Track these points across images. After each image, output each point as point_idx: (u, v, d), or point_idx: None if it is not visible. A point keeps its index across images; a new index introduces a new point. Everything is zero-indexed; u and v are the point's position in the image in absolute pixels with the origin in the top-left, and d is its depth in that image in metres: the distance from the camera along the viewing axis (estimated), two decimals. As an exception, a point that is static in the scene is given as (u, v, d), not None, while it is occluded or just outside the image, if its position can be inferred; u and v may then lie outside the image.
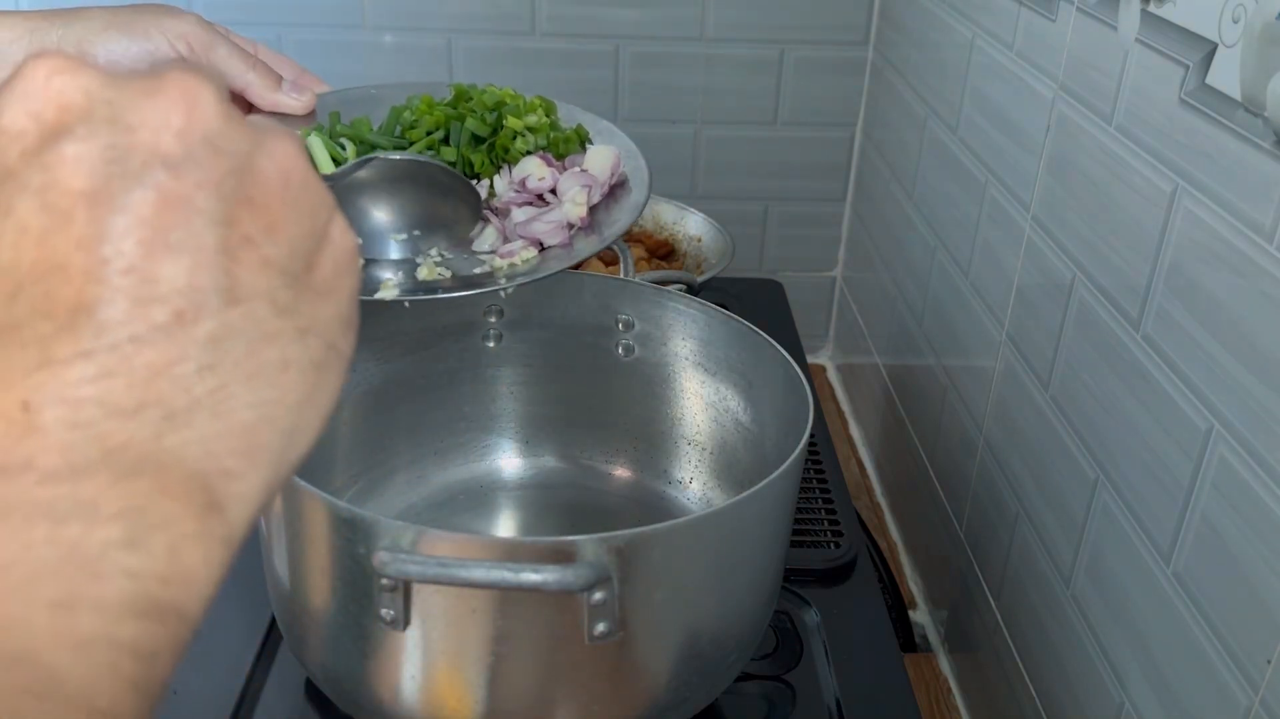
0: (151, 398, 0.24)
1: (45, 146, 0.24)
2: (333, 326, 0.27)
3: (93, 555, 0.22)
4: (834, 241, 1.49)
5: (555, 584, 0.50)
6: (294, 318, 0.26)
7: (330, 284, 0.27)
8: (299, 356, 0.26)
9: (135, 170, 0.24)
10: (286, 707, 0.68)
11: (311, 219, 0.27)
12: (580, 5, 1.32)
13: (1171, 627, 0.65)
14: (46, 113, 0.24)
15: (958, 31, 1.05)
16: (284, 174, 0.26)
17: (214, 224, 0.25)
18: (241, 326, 0.25)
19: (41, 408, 0.23)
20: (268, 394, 0.25)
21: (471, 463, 0.83)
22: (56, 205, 0.24)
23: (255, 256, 0.25)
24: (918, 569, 1.15)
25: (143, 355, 0.24)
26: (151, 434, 0.24)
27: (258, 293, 0.25)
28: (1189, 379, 0.64)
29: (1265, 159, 0.57)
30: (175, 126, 0.25)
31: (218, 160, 0.25)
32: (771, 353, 0.70)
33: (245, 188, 0.26)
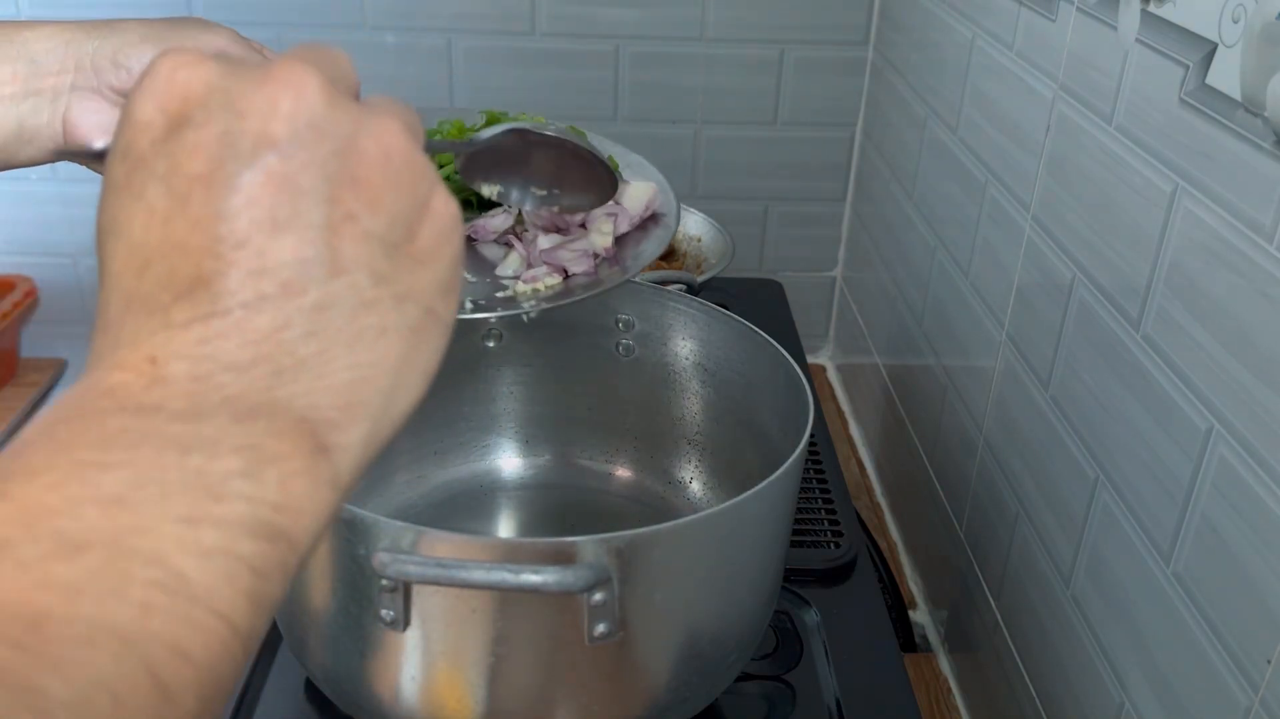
0: (262, 356, 0.26)
1: (170, 135, 0.27)
2: (430, 292, 0.30)
3: (215, 481, 0.25)
4: (834, 241, 1.49)
5: (555, 585, 0.50)
6: (392, 286, 0.28)
7: (430, 252, 0.30)
8: (396, 322, 0.29)
9: (246, 154, 0.27)
10: (286, 707, 0.68)
11: (412, 192, 0.29)
12: (580, 5, 1.32)
13: (1171, 627, 0.65)
14: (171, 104, 0.28)
15: (958, 31, 1.05)
16: (385, 151, 0.29)
17: (318, 202, 0.27)
18: (343, 296, 0.27)
19: (166, 362, 0.26)
20: (366, 357, 0.28)
21: (471, 463, 0.83)
22: (177, 189, 0.27)
23: (357, 230, 0.28)
24: (918, 569, 1.15)
25: (253, 321, 0.26)
26: (263, 387, 0.26)
27: (358, 264, 0.28)
28: (1189, 379, 0.64)
29: (1265, 159, 0.57)
30: (283, 111, 0.27)
31: (321, 142, 0.28)
32: (771, 353, 0.70)
33: (349, 166, 0.28)
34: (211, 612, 0.24)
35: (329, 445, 0.27)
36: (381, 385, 0.28)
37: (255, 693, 0.69)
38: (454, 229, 0.31)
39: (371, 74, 1.33)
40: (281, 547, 0.26)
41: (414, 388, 0.30)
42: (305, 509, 0.26)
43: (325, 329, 0.27)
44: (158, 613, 0.23)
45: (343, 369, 0.28)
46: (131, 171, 0.28)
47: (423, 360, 0.30)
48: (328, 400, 0.27)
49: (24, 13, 1.29)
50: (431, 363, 0.30)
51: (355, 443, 0.28)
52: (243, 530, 0.25)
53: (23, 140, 0.58)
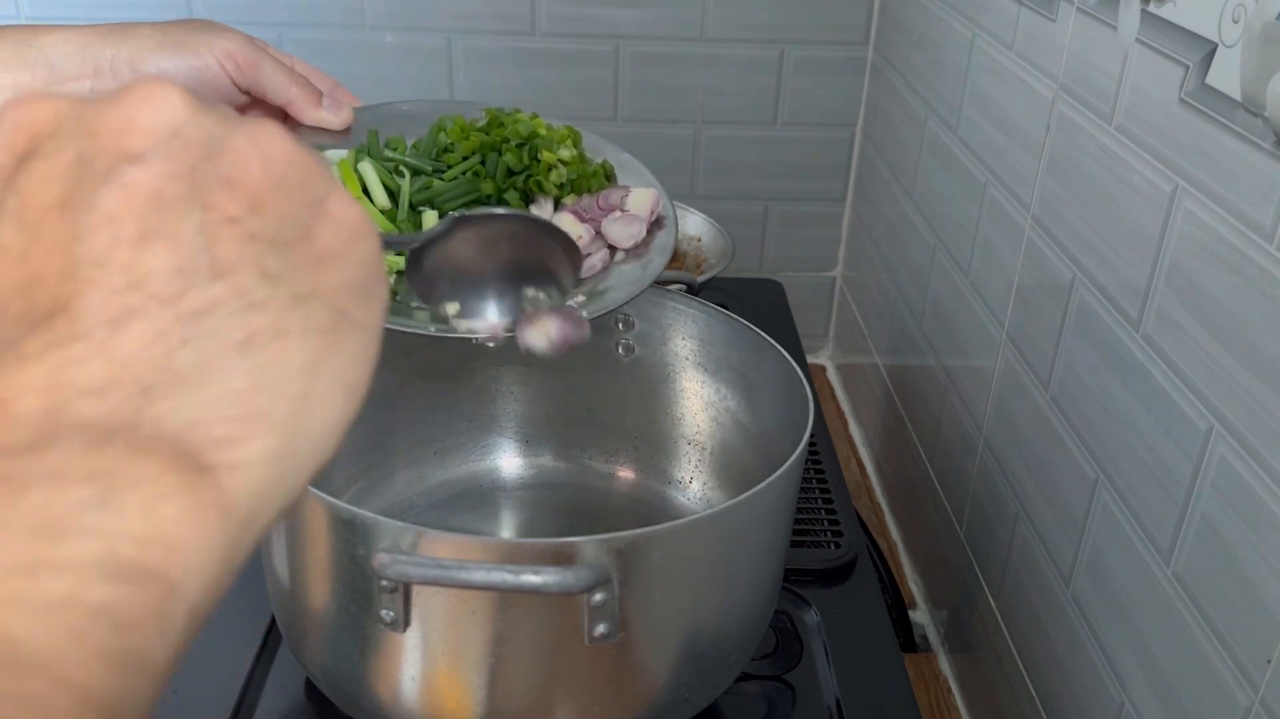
0: (127, 376, 0.23)
1: (19, 171, 0.25)
2: (339, 293, 0.27)
3: (58, 517, 0.21)
4: (834, 241, 1.49)
5: (555, 586, 0.50)
6: (287, 285, 0.26)
7: (334, 253, 0.27)
8: (299, 323, 0.26)
9: (102, 171, 0.25)
10: (286, 707, 0.68)
11: (302, 193, 0.27)
12: (580, 5, 1.32)
13: (1171, 627, 0.65)
14: (17, 141, 0.25)
15: (958, 31, 1.05)
16: (263, 153, 0.26)
17: (189, 208, 0.25)
18: (225, 299, 0.24)
19: (15, 399, 0.22)
20: (261, 360, 0.25)
21: (471, 463, 0.83)
22: (29, 221, 0.24)
23: (238, 233, 0.25)
24: (918, 569, 1.15)
25: (119, 338, 0.23)
26: (129, 408, 0.23)
27: (242, 265, 0.25)
28: (1189, 379, 0.64)
29: (1265, 159, 0.57)
30: (141, 125, 0.25)
31: (187, 150, 0.25)
32: (771, 353, 0.70)
33: (223, 170, 0.26)
34: (54, 681, 0.20)
35: (213, 464, 0.23)
36: (287, 392, 0.25)
37: (255, 693, 0.69)
38: (360, 231, 0.28)
39: (371, 74, 1.34)
40: (154, 590, 0.21)
41: (335, 398, 0.26)
42: (183, 541, 0.22)
43: (207, 336, 0.24)
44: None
45: (233, 376, 0.24)
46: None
47: (341, 367, 0.26)
48: (212, 413, 0.24)
49: (24, 14, 1.29)
50: (356, 371, 0.27)
51: (254, 460, 0.24)
52: (94, 573, 0.21)
53: None
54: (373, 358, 0.28)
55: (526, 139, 0.69)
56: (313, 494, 0.54)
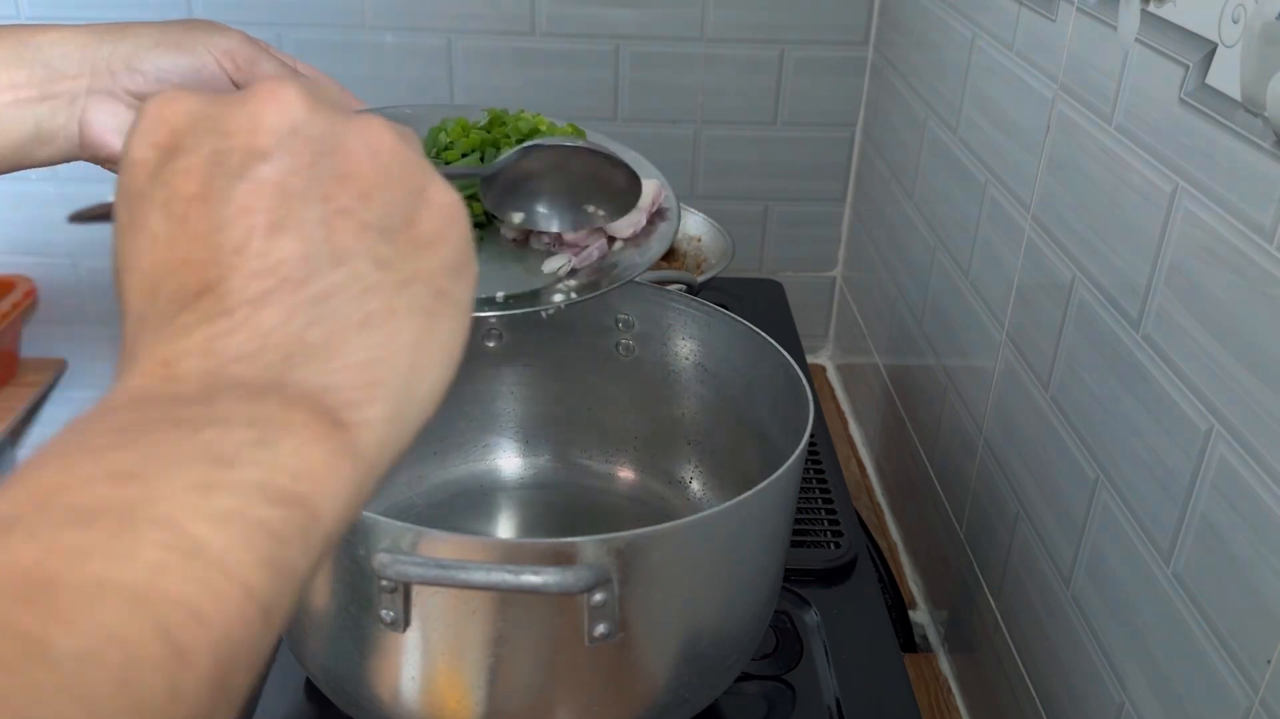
0: (270, 345, 0.27)
1: (163, 166, 0.29)
2: (438, 275, 0.31)
3: (228, 451, 0.25)
4: (834, 241, 1.49)
5: (555, 586, 0.50)
6: (396, 271, 0.29)
7: (433, 237, 0.31)
8: (406, 304, 0.29)
9: (236, 168, 0.28)
10: (286, 707, 0.68)
11: (405, 183, 0.30)
12: (580, 5, 1.32)
13: (1171, 627, 0.65)
14: (161, 139, 0.29)
15: (958, 31, 1.05)
16: (371, 148, 0.30)
17: (310, 201, 0.29)
18: (345, 283, 0.28)
19: (178, 361, 0.27)
20: (377, 338, 0.29)
21: (471, 463, 0.83)
22: (174, 211, 0.28)
23: (352, 223, 0.29)
24: (918, 569, 1.15)
25: (259, 315, 0.27)
26: (276, 372, 0.27)
27: (358, 253, 0.29)
28: (1189, 379, 0.64)
29: (1265, 159, 0.57)
30: (267, 125, 0.29)
31: (307, 146, 0.29)
32: (771, 353, 0.70)
33: (337, 165, 0.29)
34: (227, 575, 0.24)
35: (347, 421, 0.28)
36: (398, 364, 0.29)
37: (255, 693, 0.69)
38: (455, 215, 0.32)
39: (371, 74, 1.34)
40: (301, 514, 0.26)
41: (436, 366, 0.30)
42: (324, 478, 0.26)
43: (331, 316, 0.28)
44: (170, 574, 0.23)
45: (356, 351, 0.28)
46: (133, 208, 0.29)
47: (441, 339, 0.30)
48: (342, 380, 0.28)
49: (24, 14, 1.29)
50: (452, 342, 0.31)
51: (376, 419, 0.28)
52: (258, 495, 0.25)
53: (40, 141, 0.59)
54: (466, 329, 0.32)
55: (527, 135, 0.69)
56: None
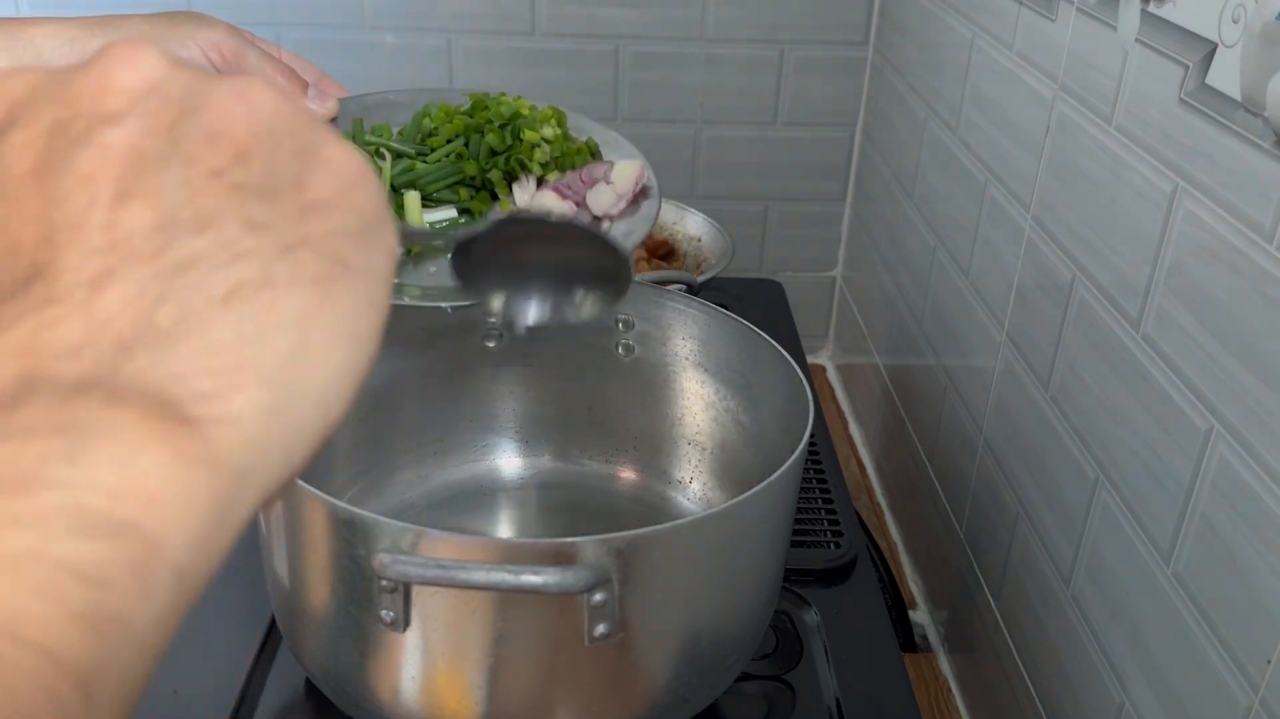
0: (106, 334, 0.22)
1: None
2: (335, 241, 0.26)
3: (24, 471, 0.20)
4: (834, 241, 1.49)
5: (555, 586, 0.50)
6: (275, 234, 0.24)
7: (327, 199, 0.26)
8: (286, 273, 0.24)
9: (79, 135, 0.24)
10: (286, 707, 0.68)
11: (292, 140, 0.26)
12: (580, 5, 1.32)
13: (1171, 627, 0.65)
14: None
15: (958, 31, 1.05)
16: (250, 105, 0.25)
17: (169, 164, 0.24)
18: (207, 252, 0.23)
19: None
20: (247, 312, 0.24)
21: (471, 463, 0.83)
22: (7, 192, 0.24)
23: (221, 185, 0.24)
24: (918, 569, 1.15)
25: (97, 298, 0.22)
26: (107, 365, 0.22)
27: (226, 216, 0.24)
28: (1189, 379, 0.64)
29: (1265, 159, 0.57)
30: (117, 85, 0.25)
31: (166, 106, 0.25)
32: (771, 353, 0.70)
33: (205, 124, 0.25)
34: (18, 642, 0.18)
35: (198, 417, 0.22)
36: (276, 344, 0.24)
37: (255, 693, 0.69)
38: (357, 175, 0.27)
39: (371, 74, 1.33)
40: (129, 546, 0.20)
41: (336, 350, 0.25)
42: (162, 494, 0.21)
43: (189, 290, 0.23)
44: None
45: (216, 329, 0.23)
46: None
47: (341, 315, 0.25)
48: (195, 366, 0.23)
49: (24, 10, 1.29)
50: (359, 321, 0.26)
51: (244, 414, 0.23)
52: (61, 526, 0.19)
53: None
54: (380, 306, 0.26)
55: (509, 119, 0.69)
56: (313, 494, 0.54)
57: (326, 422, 0.25)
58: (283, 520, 0.59)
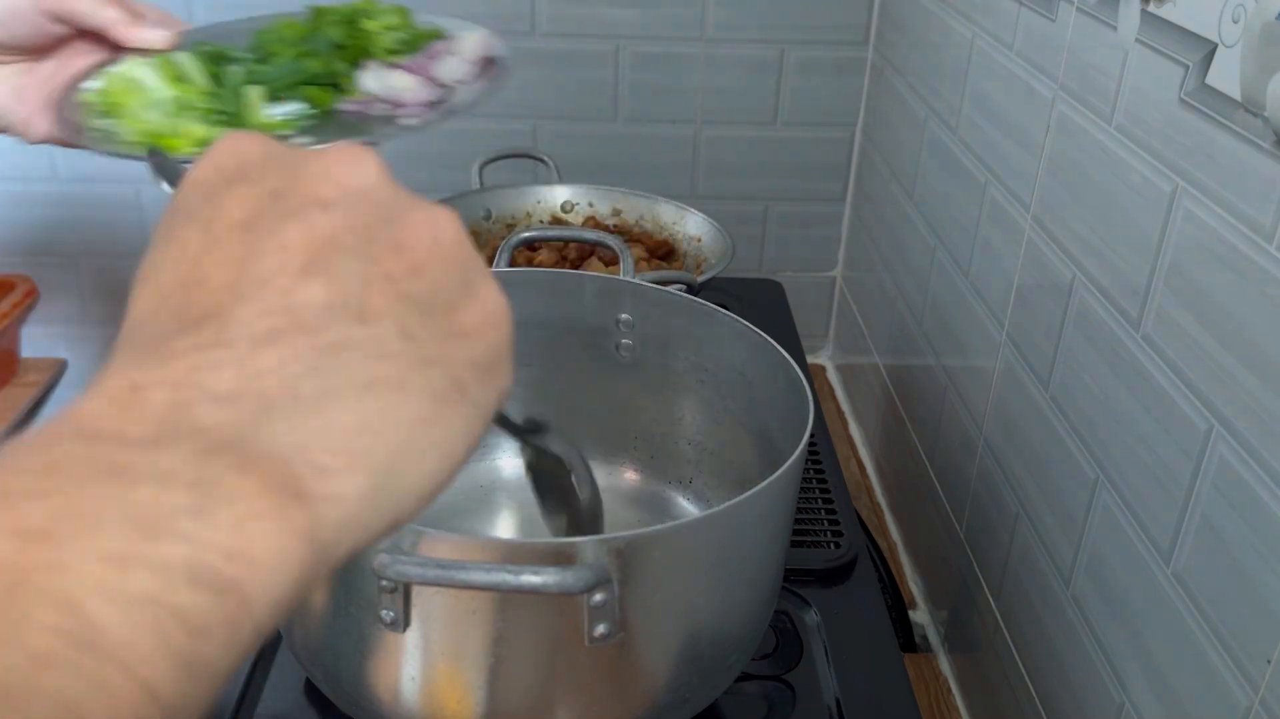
0: (254, 389, 0.24)
1: (220, 190, 0.28)
2: (464, 367, 0.28)
3: (158, 518, 0.22)
4: (834, 241, 1.49)
5: (555, 586, 0.50)
6: (420, 346, 0.27)
7: (471, 331, 0.29)
8: (419, 383, 0.27)
9: (292, 209, 0.27)
10: (286, 707, 0.68)
11: (460, 273, 0.29)
12: (580, 5, 1.32)
13: (1171, 627, 0.65)
14: (227, 163, 0.28)
15: (958, 31, 1.05)
16: (435, 232, 0.28)
17: (356, 258, 0.27)
18: (362, 341, 0.26)
19: (148, 388, 0.24)
20: (375, 405, 0.26)
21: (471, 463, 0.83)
22: (214, 232, 0.27)
23: (393, 290, 0.27)
24: (918, 569, 1.15)
25: (257, 354, 0.25)
26: (248, 422, 0.24)
27: (387, 317, 0.27)
28: (1189, 379, 0.64)
29: (1265, 159, 0.57)
30: (336, 178, 0.28)
31: (371, 209, 0.28)
32: (771, 353, 0.70)
33: (395, 235, 0.28)
34: (126, 671, 0.20)
35: (310, 493, 0.24)
36: (390, 440, 0.26)
37: (255, 693, 0.69)
38: (500, 319, 0.30)
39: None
40: (229, 603, 0.22)
41: (431, 459, 0.27)
42: (264, 561, 0.23)
43: (335, 369, 0.25)
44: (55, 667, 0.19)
45: (347, 412, 0.25)
46: (175, 222, 0.28)
47: (447, 432, 0.28)
48: (321, 443, 0.25)
49: (24, 13, 1.29)
50: (457, 443, 0.28)
51: (348, 496, 0.25)
52: (180, 577, 0.21)
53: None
54: (476, 437, 0.29)
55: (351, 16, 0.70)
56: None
57: (398, 517, 0.27)
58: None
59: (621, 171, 1.37)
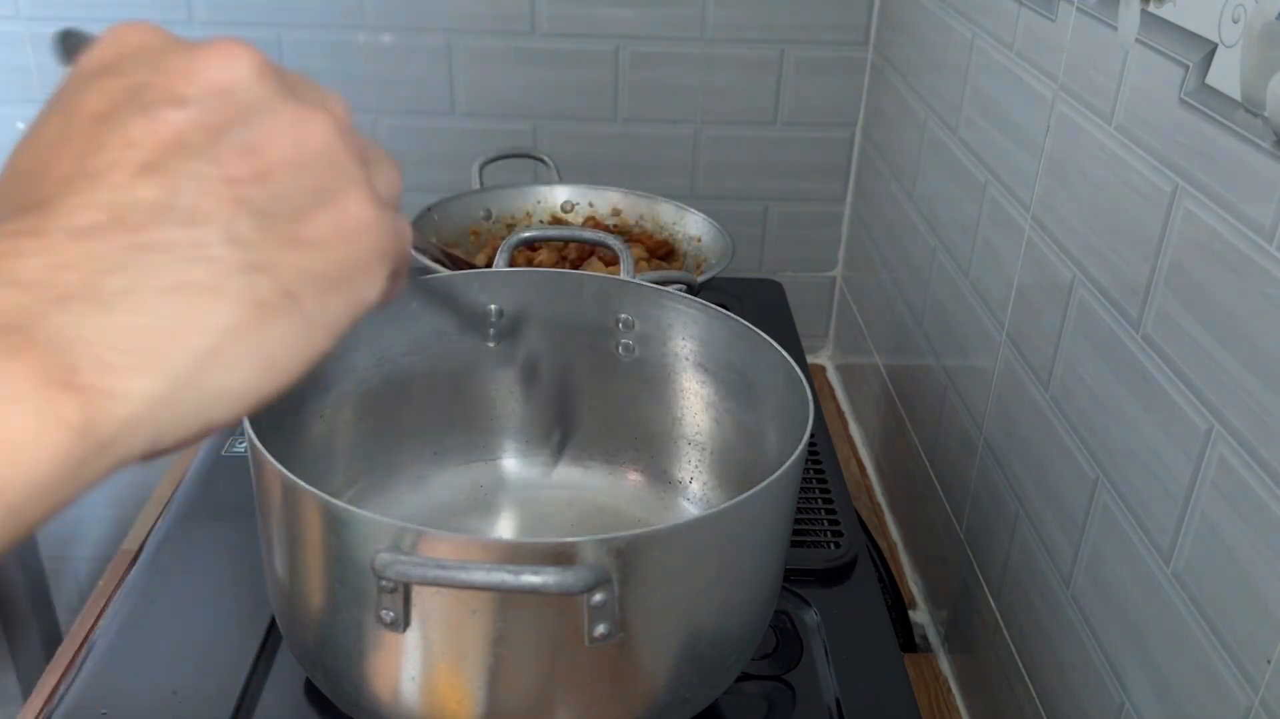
0: (55, 280, 0.24)
1: (90, 79, 0.27)
2: (298, 278, 0.27)
3: None
4: (834, 241, 1.49)
5: (555, 586, 0.50)
6: (249, 252, 0.26)
7: (317, 241, 0.28)
8: (237, 288, 0.26)
9: (146, 104, 0.27)
10: (286, 707, 0.68)
11: (317, 179, 0.28)
12: (580, 5, 1.32)
13: (1171, 627, 0.65)
14: (105, 55, 0.28)
15: (958, 31, 1.05)
16: (300, 135, 0.28)
17: (198, 158, 0.26)
18: (180, 244, 0.26)
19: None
20: (181, 309, 0.26)
21: (471, 463, 0.83)
22: (72, 123, 0.27)
23: (230, 193, 0.26)
24: (918, 569, 1.15)
25: (67, 246, 0.25)
26: (38, 309, 0.24)
27: (216, 221, 0.26)
28: (1189, 379, 0.64)
29: (1265, 159, 0.57)
30: (201, 76, 0.27)
31: (230, 108, 0.27)
32: (771, 353, 0.70)
33: (249, 137, 0.27)
34: None
35: (87, 385, 0.24)
36: (191, 345, 0.26)
37: (255, 693, 0.69)
38: (360, 231, 0.29)
39: (371, 74, 1.33)
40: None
41: (246, 368, 0.27)
42: (22, 449, 0.23)
43: (144, 269, 0.25)
44: None
45: (145, 313, 0.25)
46: (46, 110, 0.28)
47: (265, 342, 0.27)
48: (110, 340, 0.25)
49: (23, 13, 1.29)
50: (281, 352, 0.27)
51: (134, 394, 0.25)
52: None
53: None
54: (311, 350, 0.28)
55: None
56: (313, 494, 0.54)
57: (205, 425, 0.27)
58: (283, 521, 0.59)
59: (621, 171, 1.37)
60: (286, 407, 0.70)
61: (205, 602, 0.76)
